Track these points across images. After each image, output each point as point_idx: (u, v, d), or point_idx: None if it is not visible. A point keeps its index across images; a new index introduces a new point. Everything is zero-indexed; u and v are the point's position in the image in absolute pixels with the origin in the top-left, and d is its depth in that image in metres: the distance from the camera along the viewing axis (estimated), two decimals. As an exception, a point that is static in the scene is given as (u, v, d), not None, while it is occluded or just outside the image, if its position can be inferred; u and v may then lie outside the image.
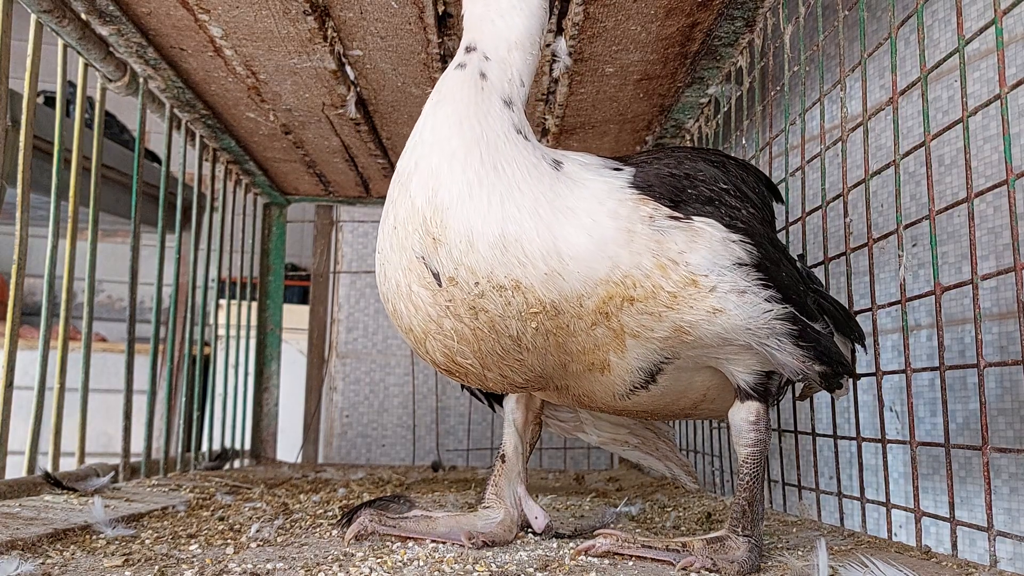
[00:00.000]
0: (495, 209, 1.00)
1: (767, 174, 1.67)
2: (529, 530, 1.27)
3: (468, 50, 1.12)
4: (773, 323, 1.04)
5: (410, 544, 1.15)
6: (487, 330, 1.02)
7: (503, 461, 1.30)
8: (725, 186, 1.13)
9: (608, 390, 1.12)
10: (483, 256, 1.00)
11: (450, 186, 1.01)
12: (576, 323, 1.03)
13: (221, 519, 1.43)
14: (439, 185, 1.01)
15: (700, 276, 1.03)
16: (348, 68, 1.88)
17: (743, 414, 1.13)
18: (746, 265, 1.04)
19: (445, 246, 1.00)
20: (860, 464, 1.32)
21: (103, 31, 1.71)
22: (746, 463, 1.12)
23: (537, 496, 1.54)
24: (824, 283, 1.43)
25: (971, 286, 1.05)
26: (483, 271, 1.00)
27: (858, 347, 1.30)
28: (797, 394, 1.47)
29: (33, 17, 1.58)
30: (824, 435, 1.45)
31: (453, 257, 1.00)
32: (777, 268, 1.07)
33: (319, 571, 0.97)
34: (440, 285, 1.01)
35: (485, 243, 1.00)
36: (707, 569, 1.03)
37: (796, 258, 1.29)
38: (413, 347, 1.09)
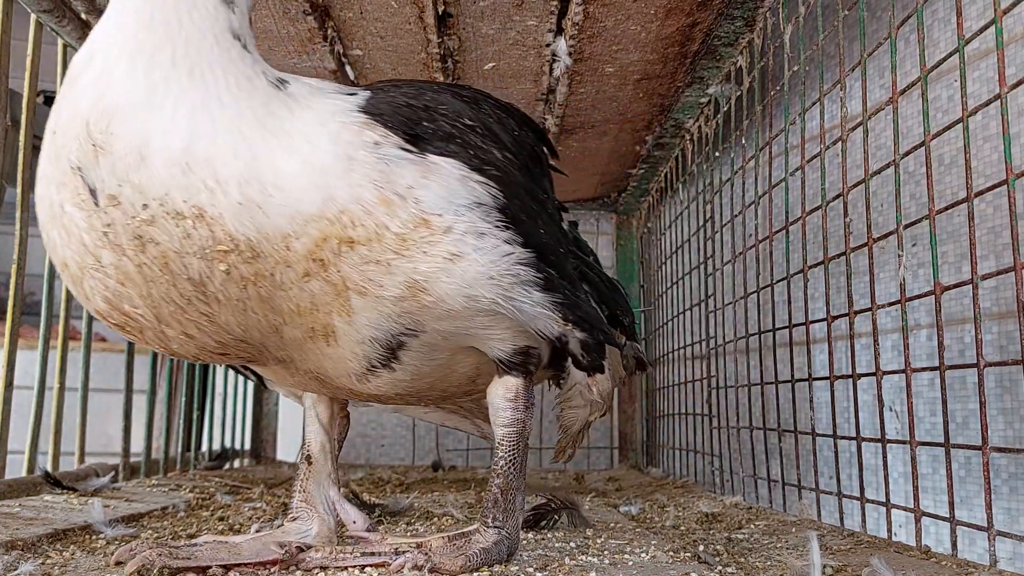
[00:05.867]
0: (182, 120, 0.84)
1: (767, 174, 1.68)
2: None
3: None
4: (516, 269, 0.94)
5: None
6: (158, 268, 0.84)
7: (309, 463, 1.17)
8: (471, 123, 0.99)
9: (341, 367, 0.97)
10: (157, 174, 0.83)
11: (125, 87, 0.84)
12: (284, 272, 0.87)
13: (221, 519, 1.43)
14: (111, 85, 0.84)
15: (432, 215, 0.90)
16: (348, 68, 1.88)
17: (500, 391, 1.03)
18: (486, 206, 0.93)
19: (109, 157, 0.83)
20: (860, 464, 1.32)
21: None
22: (501, 445, 1.03)
23: (536, 496, 1.54)
24: (824, 283, 1.43)
25: (971, 286, 1.05)
26: (155, 192, 0.83)
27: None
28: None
29: (33, 17, 1.58)
30: (824, 435, 1.45)
31: (117, 171, 0.83)
32: (528, 217, 0.98)
33: (319, 571, 0.97)
34: (97, 205, 0.83)
35: (162, 159, 0.83)
36: (417, 567, 0.93)
37: (570, 225, 1.19)
38: (72, 290, 0.91)
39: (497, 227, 0.93)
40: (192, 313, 0.87)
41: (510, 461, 1.03)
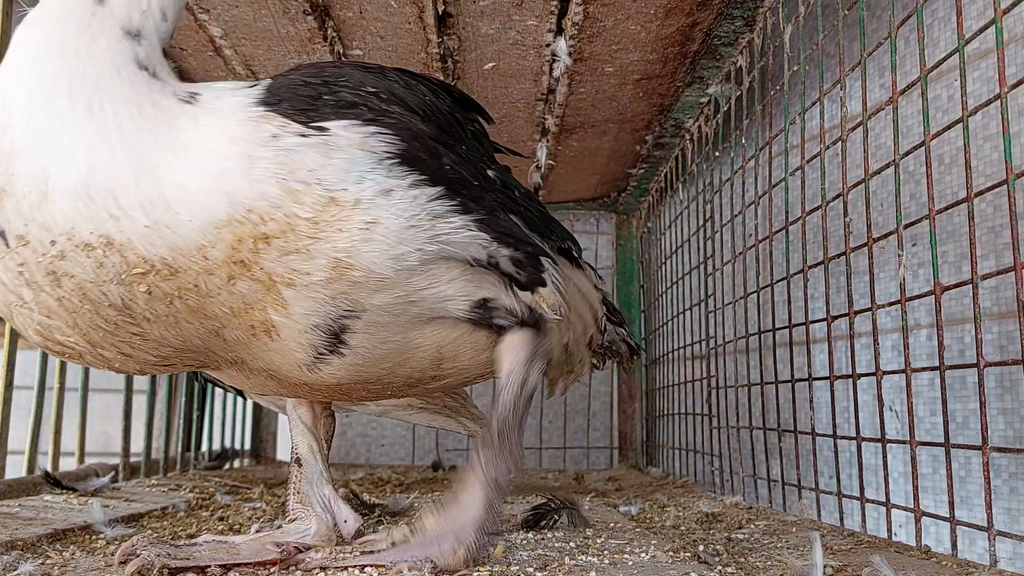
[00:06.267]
0: (80, 154, 0.84)
1: (767, 174, 1.68)
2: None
3: None
4: (430, 206, 0.94)
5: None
6: (78, 300, 0.85)
7: (299, 465, 1.17)
8: (373, 89, 0.99)
9: (290, 359, 0.97)
10: (60, 209, 0.83)
11: (24, 125, 0.85)
12: (207, 280, 0.87)
13: (221, 519, 1.43)
14: (9, 123, 0.85)
15: (338, 191, 0.90)
16: (348, 68, 1.88)
17: (503, 344, 1.04)
18: (387, 160, 0.93)
19: (12, 197, 0.84)
20: (860, 464, 1.32)
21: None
22: (504, 390, 1.03)
23: (536, 496, 1.54)
24: (824, 283, 1.43)
25: (971, 286, 1.05)
26: (61, 227, 0.83)
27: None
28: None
29: (32, 17, 1.57)
30: (824, 435, 1.45)
31: (21, 211, 0.83)
32: (430, 156, 0.98)
33: (319, 572, 0.97)
34: (8, 246, 0.84)
35: (63, 194, 0.83)
36: (418, 568, 0.92)
37: (500, 170, 1.17)
38: (9, 324, 0.93)
39: (401, 176, 0.93)
40: (123, 335, 0.88)
41: (510, 405, 1.02)
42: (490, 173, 1.12)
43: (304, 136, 0.91)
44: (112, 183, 0.84)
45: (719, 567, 1.03)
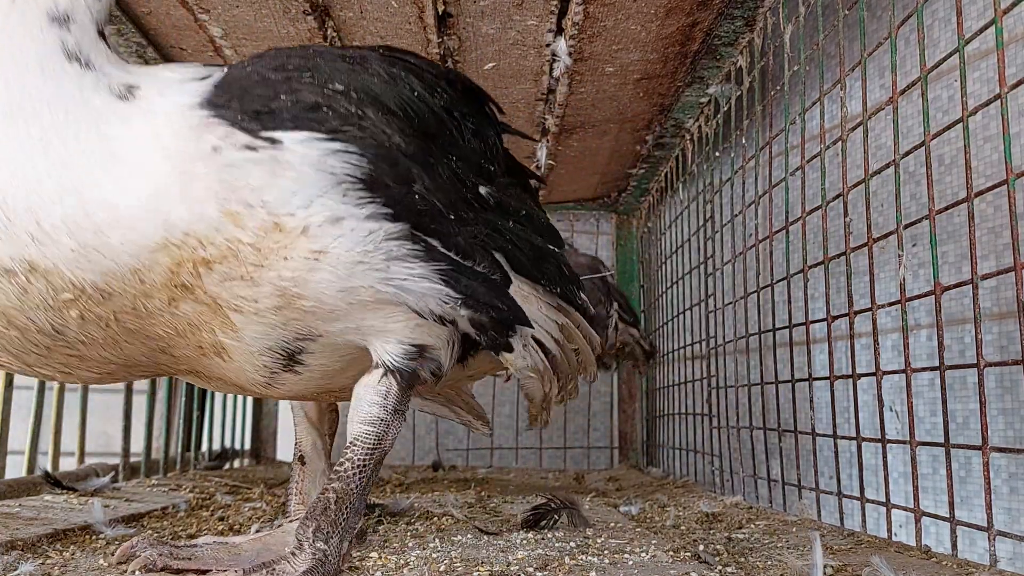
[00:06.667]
0: None
1: (767, 174, 1.68)
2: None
3: None
4: (387, 245, 0.84)
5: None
6: (3, 326, 0.80)
7: (303, 463, 1.13)
8: (343, 88, 0.86)
9: (243, 376, 0.91)
10: None
11: None
12: (147, 302, 0.80)
13: (221, 519, 1.43)
14: None
15: (284, 216, 0.80)
16: (348, 68, 1.88)
17: (372, 381, 0.91)
18: (346, 183, 0.82)
19: None
20: (860, 464, 1.32)
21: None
22: (354, 445, 0.91)
23: (536, 496, 1.54)
24: (824, 283, 1.43)
25: (971, 286, 1.05)
26: None
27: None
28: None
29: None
30: (824, 435, 1.45)
31: None
32: (398, 181, 0.85)
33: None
34: None
35: None
36: None
37: (500, 186, 1.05)
38: None
39: (357, 205, 0.82)
40: (59, 356, 0.82)
41: (359, 466, 0.90)
42: (483, 191, 1.01)
43: (250, 149, 0.81)
44: (31, 202, 0.76)
45: (719, 567, 1.03)
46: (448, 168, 0.95)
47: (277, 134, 0.82)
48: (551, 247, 1.14)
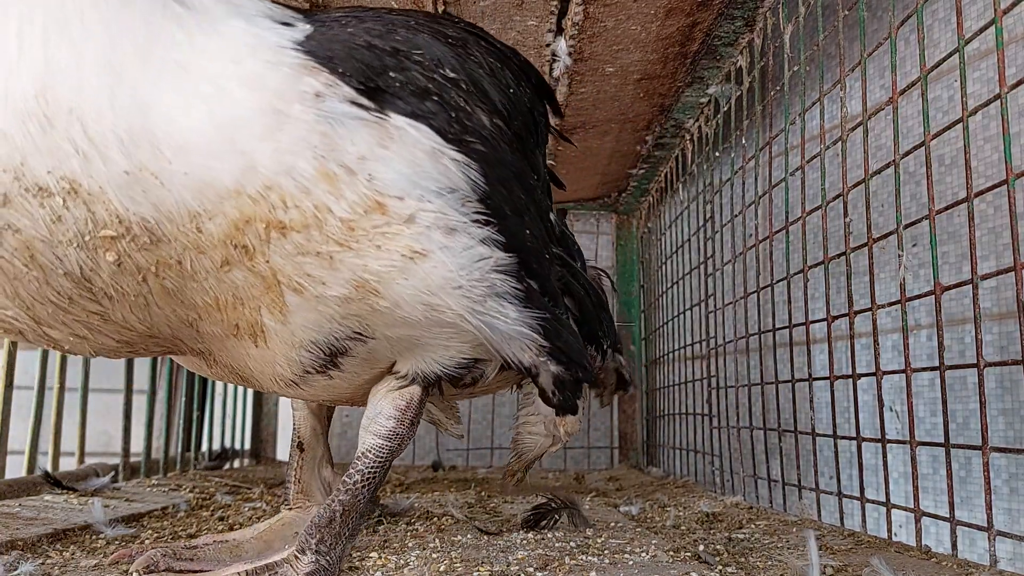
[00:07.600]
0: (32, 53, 0.60)
1: (767, 174, 1.68)
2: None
3: None
4: (492, 277, 0.75)
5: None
6: (22, 263, 0.64)
7: (301, 449, 1.07)
8: (454, 75, 0.76)
9: (268, 370, 0.80)
10: (6, 133, 0.60)
11: None
12: (195, 259, 0.68)
13: (221, 519, 1.43)
14: None
15: (390, 198, 0.69)
16: (348, 68, 1.88)
17: (392, 394, 0.84)
18: (462, 192, 0.73)
19: None
20: (860, 464, 1.32)
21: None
22: (366, 456, 0.85)
23: (536, 496, 1.54)
24: (824, 283, 1.43)
25: (971, 286, 1.05)
26: (5, 160, 0.61)
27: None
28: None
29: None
30: (824, 435, 1.45)
31: None
32: (513, 211, 0.77)
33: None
34: None
35: (9, 111, 0.60)
36: None
37: (558, 214, 0.97)
38: None
39: (474, 222, 0.73)
40: (78, 313, 0.69)
41: (369, 479, 0.85)
42: (552, 218, 0.91)
43: (360, 107, 0.69)
44: (78, 99, 0.61)
45: (719, 567, 1.03)
46: (538, 188, 0.85)
47: (388, 108, 0.71)
48: (603, 295, 1.03)
